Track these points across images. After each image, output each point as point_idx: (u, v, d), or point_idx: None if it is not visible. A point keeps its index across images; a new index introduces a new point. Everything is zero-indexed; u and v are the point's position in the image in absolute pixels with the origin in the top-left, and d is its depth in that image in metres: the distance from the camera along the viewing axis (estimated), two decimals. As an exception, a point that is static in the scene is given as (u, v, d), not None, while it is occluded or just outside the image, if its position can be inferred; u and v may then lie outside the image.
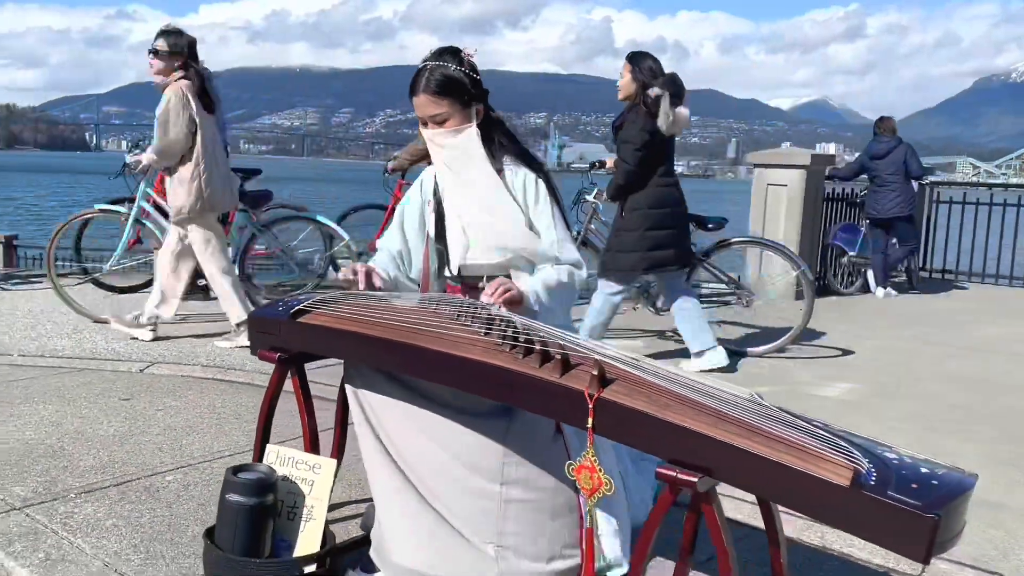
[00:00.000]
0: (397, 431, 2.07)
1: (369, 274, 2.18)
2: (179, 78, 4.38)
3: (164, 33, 4.50)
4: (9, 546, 2.27)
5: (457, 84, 2.15)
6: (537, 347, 1.77)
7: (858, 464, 1.42)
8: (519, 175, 2.20)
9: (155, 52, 4.44)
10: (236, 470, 2.06)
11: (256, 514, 2.02)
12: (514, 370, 1.76)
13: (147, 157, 4.53)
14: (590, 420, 1.65)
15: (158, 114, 4.39)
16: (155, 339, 4.70)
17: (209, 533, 2.06)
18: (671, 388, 1.65)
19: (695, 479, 1.51)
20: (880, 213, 7.62)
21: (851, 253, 7.82)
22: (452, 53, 2.18)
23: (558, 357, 1.74)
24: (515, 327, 1.87)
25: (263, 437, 2.28)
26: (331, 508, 2.53)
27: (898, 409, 3.95)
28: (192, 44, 4.46)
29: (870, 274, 7.83)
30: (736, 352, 4.84)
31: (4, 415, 3.37)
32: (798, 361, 4.86)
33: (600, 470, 1.66)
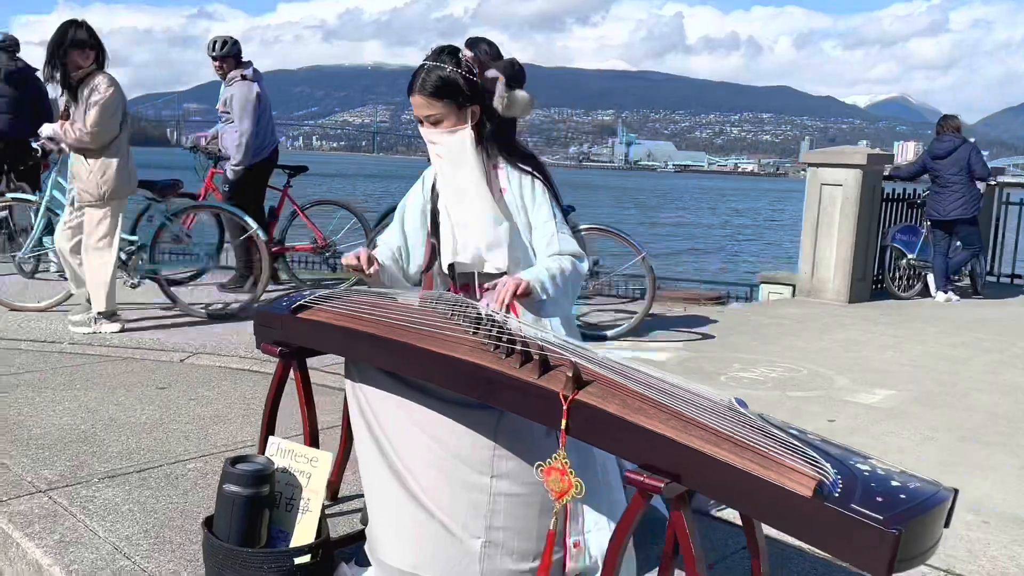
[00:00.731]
0: (391, 424, 2.09)
1: (371, 258, 2.22)
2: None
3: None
4: (28, 527, 2.38)
5: (452, 86, 2.16)
6: (518, 347, 1.77)
7: (823, 474, 1.38)
8: (515, 176, 2.20)
9: None
10: (235, 461, 2.11)
11: (252, 504, 2.06)
12: (494, 369, 1.76)
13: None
14: (563, 421, 1.64)
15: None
16: (122, 330, 4.79)
17: (208, 522, 2.11)
18: (648, 393, 1.63)
19: (661, 484, 1.49)
20: (941, 215, 7.36)
21: (910, 256, 7.58)
22: (450, 54, 2.19)
23: (536, 358, 1.73)
24: (500, 327, 1.87)
25: (268, 429, 2.33)
26: (343, 499, 2.60)
27: (937, 418, 3.82)
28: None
29: (930, 278, 7.57)
30: (593, 337, 5.06)
31: (47, 401, 3.52)
32: (840, 366, 4.74)
33: (571, 473, 1.65)
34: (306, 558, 2.07)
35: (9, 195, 5.83)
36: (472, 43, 4.65)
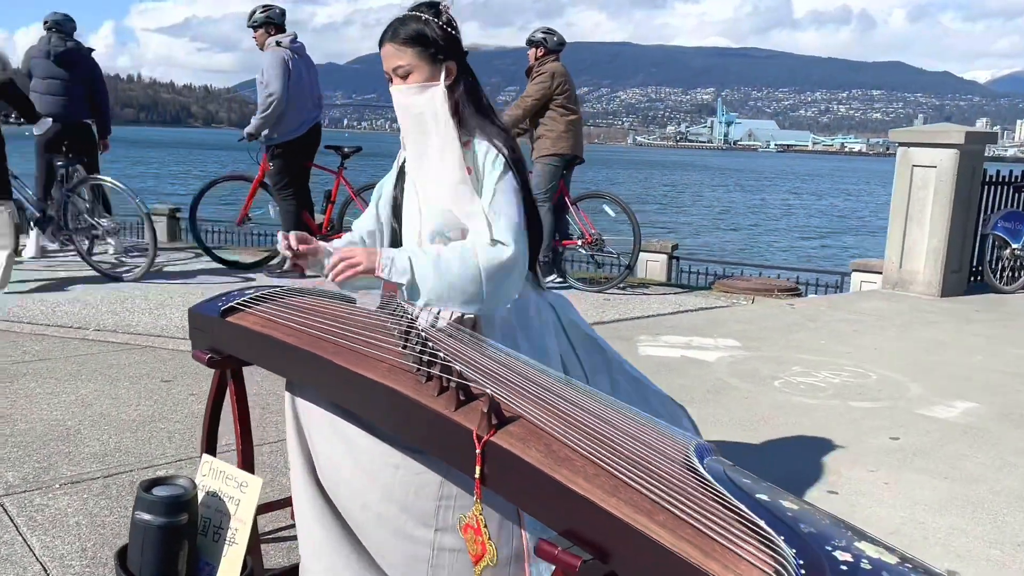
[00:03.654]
0: (325, 454, 1.80)
1: (305, 240, 1.89)
2: None
3: None
4: (-34, 539, 2.20)
5: (425, 34, 1.86)
6: (437, 368, 1.45)
7: (782, 565, 1.01)
8: (482, 147, 1.85)
9: None
10: (151, 484, 1.86)
11: (167, 535, 1.80)
12: (407, 396, 1.44)
13: None
14: (477, 468, 1.31)
15: None
16: None
17: (122, 553, 1.87)
18: (581, 437, 1.27)
19: (577, 563, 1.14)
20: (1052, 199, 6.59)
21: (1015, 245, 6.83)
22: (429, 4, 1.90)
23: (453, 385, 1.40)
24: (422, 340, 1.55)
25: (205, 446, 2.08)
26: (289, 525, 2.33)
27: (1022, 439, 3.29)
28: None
29: (1037, 269, 6.81)
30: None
31: (45, 392, 3.40)
32: (918, 371, 4.20)
33: (486, 535, 1.32)
34: (224, 599, 1.81)
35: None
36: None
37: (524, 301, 1.90)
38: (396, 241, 2.05)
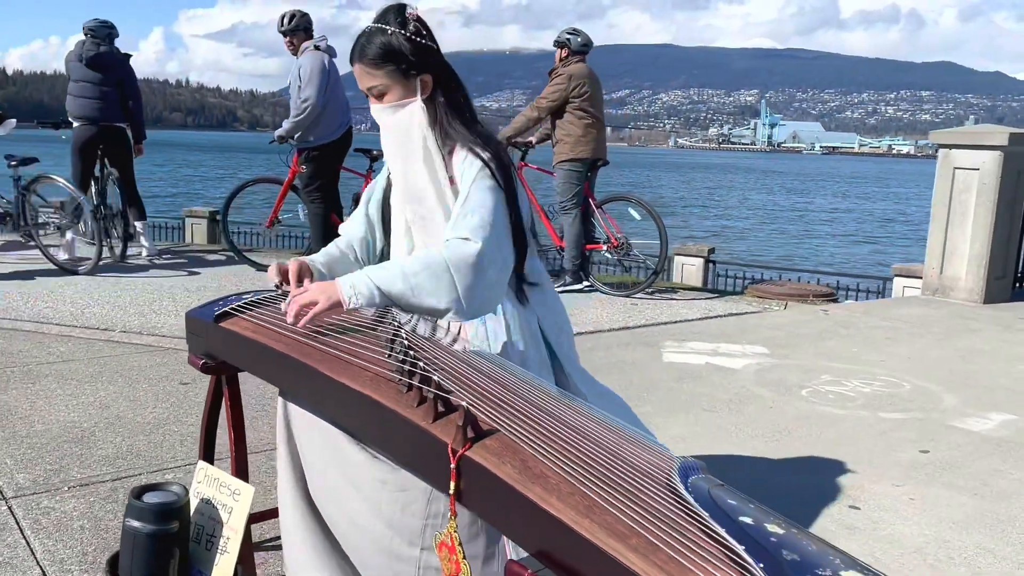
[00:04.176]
0: (314, 464, 1.77)
1: (301, 271, 1.86)
2: None
3: None
4: (-29, 541, 2.21)
5: (395, 50, 1.78)
6: (416, 379, 1.40)
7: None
8: (460, 155, 1.78)
9: None
10: (142, 491, 1.84)
11: (157, 543, 1.78)
12: (385, 406, 1.39)
13: None
14: (451, 484, 1.26)
15: None
16: None
17: (113, 561, 1.86)
18: (559, 452, 1.22)
19: (546, 587, 1.09)
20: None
21: (1063, 250, 6.59)
22: (396, 12, 1.81)
23: (430, 396, 1.35)
24: (405, 348, 1.50)
25: (204, 452, 2.06)
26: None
27: (1063, 454, 3.14)
28: None
29: (1087, 276, 6.56)
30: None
31: (65, 394, 3.42)
32: (954, 381, 4.05)
33: (460, 554, 1.26)
34: (214, 610, 1.78)
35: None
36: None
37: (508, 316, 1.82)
38: (387, 224, 1.99)
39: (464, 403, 1.29)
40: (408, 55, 1.78)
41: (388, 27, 1.78)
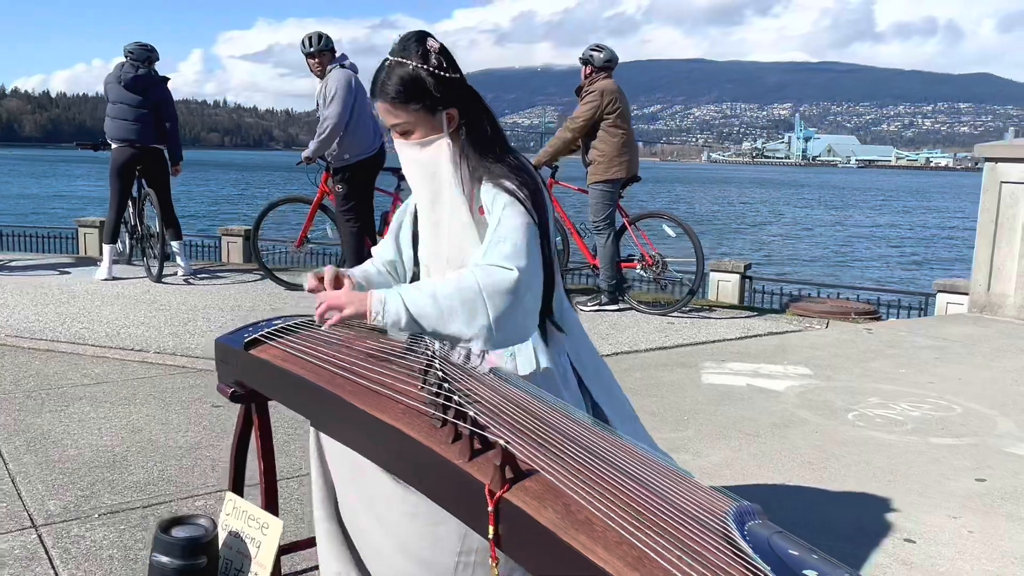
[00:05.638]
0: (345, 497, 1.71)
1: (340, 278, 1.81)
2: None
3: None
4: (0, 569, 2.18)
5: (418, 87, 1.69)
6: (451, 413, 1.33)
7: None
8: (487, 187, 1.69)
9: None
10: (170, 524, 1.79)
11: (184, 578, 1.74)
12: (418, 442, 1.32)
13: None
14: (490, 528, 1.18)
15: None
16: None
17: (140, 593, 1.81)
18: (604, 496, 1.13)
19: (591, 647, 1.00)
20: None
21: (1117, 266, 6.34)
22: (416, 43, 1.72)
23: (466, 432, 1.28)
24: (440, 379, 1.43)
25: (233, 483, 2.00)
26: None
27: None
28: None
29: None
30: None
31: (98, 416, 3.41)
32: (1008, 403, 3.89)
33: (500, 601, 1.19)
34: (241, 649, 1.72)
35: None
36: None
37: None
38: (418, 269, 1.94)
39: (502, 441, 1.21)
40: (432, 91, 1.69)
41: (409, 61, 1.70)
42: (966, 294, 6.57)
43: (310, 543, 2.09)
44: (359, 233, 6.09)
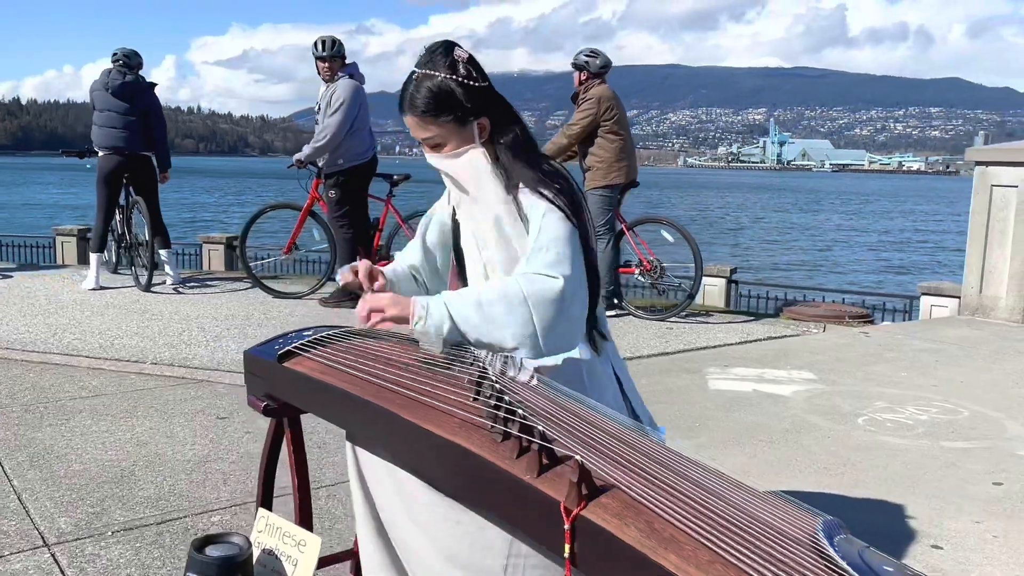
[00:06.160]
0: (386, 508, 1.66)
1: (374, 273, 1.79)
2: None
3: None
4: (14, 592, 2.11)
5: (448, 99, 1.66)
6: (515, 427, 1.29)
7: None
8: (533, 198, 1.67)
9: None
10: (204, 543, 1.73)
11: (219, 599, 1.68)
12: (480, 457, 1.28)
13: None
14: (566, 547, 1.14)
15: None
16: None
17: (172, 614, 1.75)
18: (688, 512, 1.10)
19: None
20: None
21: (1105, 267, 6.42)
22: (444, 53, 1.69)
23: (535, 447, 1.24)
24: (498, 391, 1.39)
25: (262, 499, 1.94)
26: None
27: None
28: None
29: None
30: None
31: (100, 430, 3.33)
32: (1013, 406, 3.91)
33: (573, 622, 1.15)
34: (281, 671, 1.67)
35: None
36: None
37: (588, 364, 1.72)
38: (461, 267, 1.90)
39: (578, 456, 1.18)
40: (463, 102, 1.67)
41: (437, 73, 1.67)
42: (951, 296, 6.62)
43: (343, 556, 2.04)
44: (352, 239, 6.03)
